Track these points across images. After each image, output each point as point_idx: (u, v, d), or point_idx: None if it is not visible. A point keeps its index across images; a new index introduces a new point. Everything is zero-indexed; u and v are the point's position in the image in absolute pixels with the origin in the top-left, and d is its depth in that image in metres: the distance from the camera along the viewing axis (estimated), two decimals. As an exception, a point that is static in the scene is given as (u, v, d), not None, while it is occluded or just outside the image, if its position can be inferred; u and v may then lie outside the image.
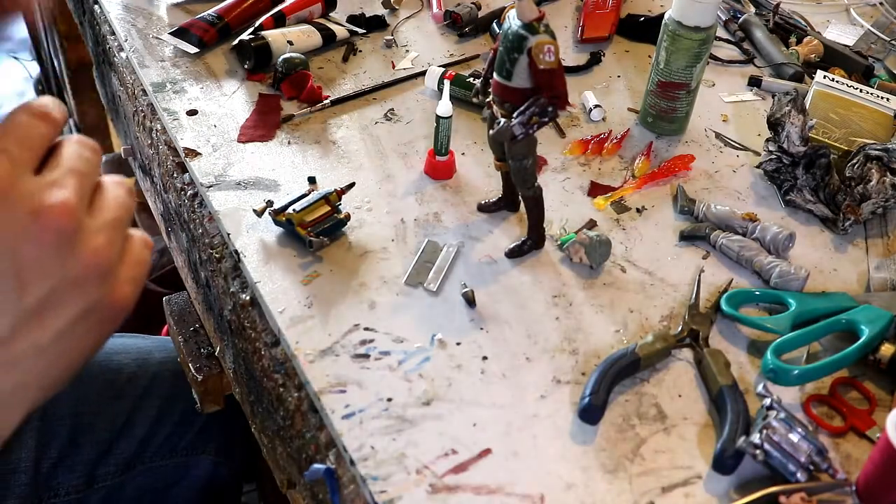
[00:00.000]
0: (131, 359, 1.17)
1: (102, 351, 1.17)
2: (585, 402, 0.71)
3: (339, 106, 1.03)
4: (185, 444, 1.15)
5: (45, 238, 0.44)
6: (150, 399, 1.14)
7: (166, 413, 1.14)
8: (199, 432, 1.17)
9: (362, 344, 0.76)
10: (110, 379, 1.13)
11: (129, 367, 1.16)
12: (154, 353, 1.19)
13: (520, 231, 0.88)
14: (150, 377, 1.15)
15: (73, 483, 1.07)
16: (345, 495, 0.68)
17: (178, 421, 1.15)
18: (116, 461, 1.10)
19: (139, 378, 1.15)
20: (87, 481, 1.08)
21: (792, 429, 0.67)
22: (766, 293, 0.83)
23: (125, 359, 1.17)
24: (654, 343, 0.76)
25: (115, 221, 0.48)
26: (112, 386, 1.13)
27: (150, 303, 1.68)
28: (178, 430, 1.15)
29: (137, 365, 1.16)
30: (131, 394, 1.13)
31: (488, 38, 1.17)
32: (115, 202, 0.49)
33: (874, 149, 0.91)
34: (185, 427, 1.15)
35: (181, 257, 1.01)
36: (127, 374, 1.15)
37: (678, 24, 0.95)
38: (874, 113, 1.01)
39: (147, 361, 1.17)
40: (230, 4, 1.11)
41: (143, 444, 1.12)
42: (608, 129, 1.02)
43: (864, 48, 1.21)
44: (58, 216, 0.44)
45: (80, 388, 1.11)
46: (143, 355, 1.18)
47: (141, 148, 1.08)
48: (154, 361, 1.18)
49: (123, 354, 1.18)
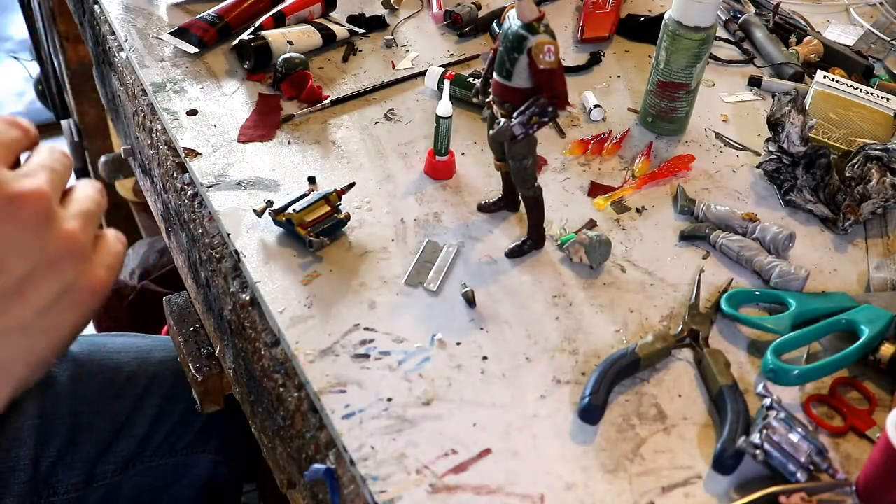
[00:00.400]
0: (131, 357, 1.17)
1: (102, 350, 1.17)
2: (585, 402, 0.71)
3: (339, 106, 1.03)
4: (184, 443, 1.15)
5: (22, 220, 0.47)
6: (149, 398, 1.14)
7: (166, 412, 1.14)
8: (199, 432, 1.17)
9: (362, 344, 0.76)
10: (110, 378, 1.13)
11: (129, 365, 1.16)
12: (154, 353, 1.19)
13: (520, 231, 0.88)
14: (150, 376, 1.15)
15: (73, 481, 1.08)
16: (345, 495, 0.68)
17: (178, 420, 1.15)
18: (116, 460, 1.11)
19: (139, 377, 1.15)
20: (87, 480, 1.09)
21: (792, 429, 0.67)
22: (766, 293, 0.83)
23: (125, 357, 1.17)
24: (654, 343, 0.76)
25: (87, 212, 0.51)
26: (112, 385, 1.13)
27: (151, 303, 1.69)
28: (178, 430, 1.15)
29: (137, 364, 1.17)
30: (131, 393, 1.13)
31: (488, 38, 1.17)
32: (86, 197, 0.52)
33: (874, 149, 0.91)
34: (184, 426, 1.16)
35: (181, 257, 1.01)
36: (127, 372, 1.15)
37: (678, 24, 0.95)
38: (874, 113, 1.01)
39: (147, 360, 1.18)
40: (230, 4, 1.11)
41: (142, 442, 1.12)
42: (608, 129, 1.02)
43: (864, 48, 1.21)
44: (33, 200, 0.47)
45: (79, 386, 1.11)
46: (143, 354, 1.18)
47: (141, 148, 1.08)
48: (154, 360, 1.18)
49: (123, 353, 1.18)
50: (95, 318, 1.78)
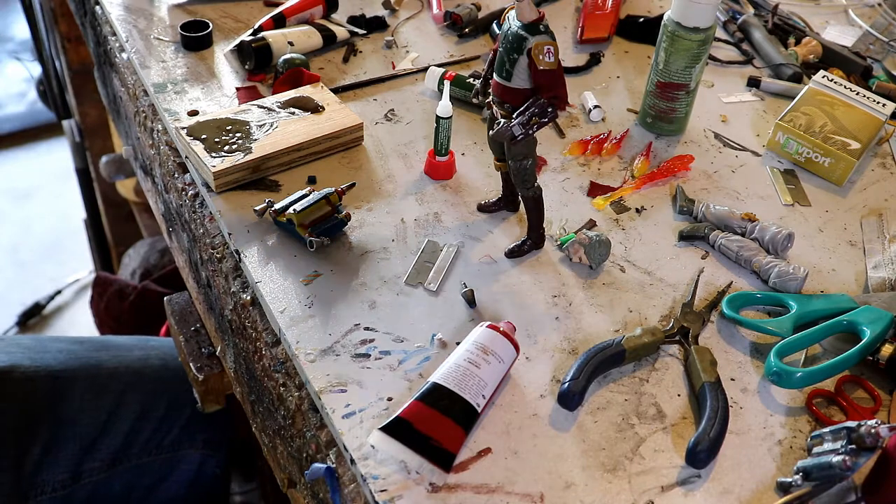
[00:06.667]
0: (111, 355, 1.18)
1: (82, 348, 1.18)
2: (564, 387, 0.71)
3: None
4: (171, 438, 1.16)
5: None
6: (132, 394, 1.15)
7: (150, 408, 1.15)
8: (185, 426, 1.17)
9: (362, 343, 0.76)
10: (91, 375, 1.14)
11: (110, 363, 1.17)
12: (134, 351, 1.20)
13: (520, 231, 0.89)
14: (132, 373, 1.16)
15: (59, 479, 1.08)
16: (345, 494, 0.69)
17: (163, 416, 1.16)
18: (102, 457, 1.11)
19: (120, 374, 1.16)
20: (73, 477, 1.09)
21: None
22: (767, 296, 0.83)
23: (105, 356, 1.18)
24: (641, 336, 0.76)
25: None
26: (94, 382, 1.14)
27: (152, 302, 1.69)
28: (164, 426, 1.16)
29: (118, 361, 1.17)
30: (113, 390, 1.14)
31: (488, 39, 1.17)
32: None
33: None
34: (170, 422, 1.16)
35: (182, 257, 1.02)
36: (108, 370, 1.15)
37: (677, 25, 0.95)
38: (860, 114, 1.01)
39: (127, 358, 1.18)
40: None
41: (128, 439, 1.13)
42: (608, 130, 1.02)
43: (862, 49, 1.21)
44: None
45: (60, 385, 1.12)
46: (122, 352, 1.19)
47: (142, 148, 1.08)
48: (134, 358, 1.19)
49: (104, 352, 1.18)
50: (97, 318, 1.78)
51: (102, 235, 2.12)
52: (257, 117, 0.95)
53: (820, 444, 0.68)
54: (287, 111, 0.96)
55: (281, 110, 0.96)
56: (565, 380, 0.72)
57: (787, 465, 0.70)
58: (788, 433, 0.72)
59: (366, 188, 0.92)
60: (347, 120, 0.96)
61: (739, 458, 0.70)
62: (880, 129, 1.01)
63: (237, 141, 0.91)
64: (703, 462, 0.69)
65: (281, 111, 0.96)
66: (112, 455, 1.12)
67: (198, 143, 0.90)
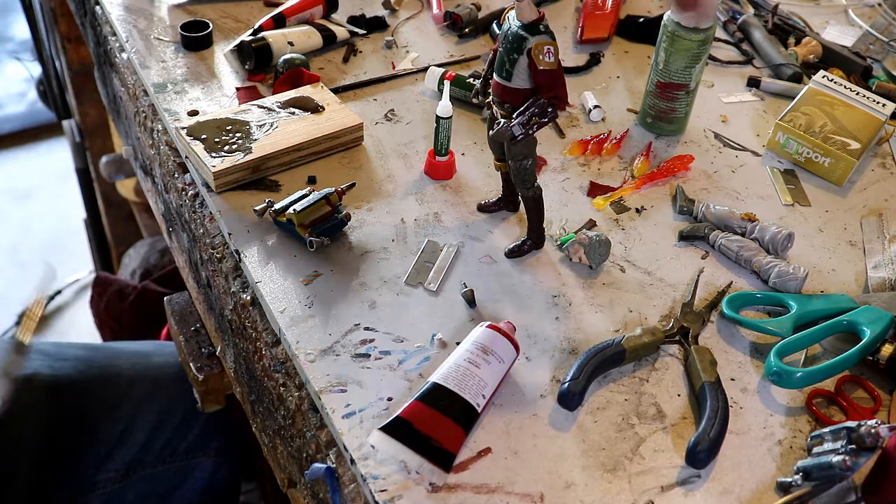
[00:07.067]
0: (130, 364, 1.18)
1: (101, 356, 1.17)
2: (564, 387, 0.71)
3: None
4: (185, 446, 1.16)
5: None
6: (150, 404, 1.14)
7: (167, 417, 1.14)
8: (199, 434, 1.17)
9: (362, 343, 0.76)
10: (110, 385, 1.14)
11: (129, 371, 1.16)
12: (153, 358, 1.19)
13: (520, 231, 0.89)
14: (150, 381, 1.16)
15: (72, 491, 1.08)
16: (345, 494, 0.69)
17: (179, 424, 1.15)
18: (117, 467, 1.11)
19: (139, 383, 1.15)
20: (88, 487, 1.09)
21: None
22: (767, 296, 0.83)
23: (124, 364, 1.17)
24: (641, 336, 0.76)
25: None
26: (112, 392, 1.13)
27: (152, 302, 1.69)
28: (179, 434, 1.15)
29: (137, 370, 1.17)
30: (132, 399, 1.13)
31: (488, 39, 1.17)
32: None
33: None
34: (185, 430, 1.16)
35: (182, 257, 1.02)
36: (126, 378, 1.15)
37: (677, 25, 0.95)
38: (860, 114, 1.01)
39: (146, 367, 1.18)
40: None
41: (143, 448, 1.12)
42: (608, 130, 1.02)
43: (862, 49, 1.21)
44: None
45: (79, 394, 1.11)
46: (141, 360, 1.19)
47: (142, 148, 1.08)
48: (153, 366, 1.18)
49: (123, 360, 1.18)
50: (97, 319, 1.78)
51: (102, 235, 2.12)
52: (257, 117, 0.95)
53: (820, 444, 0.68)
54: (287, 111, 0.96)
55: (281, 110, 0.96)
56: (565, 380, 0.72)
57: (787, 465, 0.70)
58: (788, 433, 0.73)
59: (366, 188, 0.92)
60: (347, 120, 0.96)
61: (739, 458, 0.70)
62: (880, 129, 1.01)
63: (237, 141, 0.91)
64: (703, 462, 0.69)
65: (281, 111, 0.96)
66: (127, 465, 1.11)
67: (198, 143, 0.90)
